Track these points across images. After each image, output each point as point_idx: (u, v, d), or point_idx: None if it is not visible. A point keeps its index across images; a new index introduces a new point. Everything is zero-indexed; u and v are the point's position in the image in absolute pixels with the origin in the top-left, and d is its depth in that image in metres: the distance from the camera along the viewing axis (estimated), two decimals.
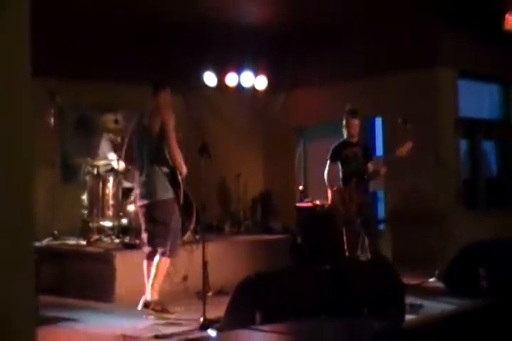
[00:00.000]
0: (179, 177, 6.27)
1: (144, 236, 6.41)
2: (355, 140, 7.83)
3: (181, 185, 6.28)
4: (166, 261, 6.25)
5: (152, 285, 6.18)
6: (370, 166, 7.76)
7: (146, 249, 6.37)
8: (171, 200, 6.24)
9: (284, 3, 9.15)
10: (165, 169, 6.22)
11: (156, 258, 6.24)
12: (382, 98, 9.89)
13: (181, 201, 6.30)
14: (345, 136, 7.84)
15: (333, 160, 7.78)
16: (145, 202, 6.31)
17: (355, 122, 7.79)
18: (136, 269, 6.46)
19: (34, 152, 3.63)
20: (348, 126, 7.79)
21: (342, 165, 7.75)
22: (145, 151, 6.31)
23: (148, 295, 6.17)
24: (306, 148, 11.91)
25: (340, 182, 7.73)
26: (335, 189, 7.71)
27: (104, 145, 8.53)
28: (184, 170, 6.26)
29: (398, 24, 9.63)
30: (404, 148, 7.48)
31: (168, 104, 6.40)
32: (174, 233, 6.26)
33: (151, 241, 6.33)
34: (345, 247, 7.55)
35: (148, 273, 6.28)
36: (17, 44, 3.55)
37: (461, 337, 5.06)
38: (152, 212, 6.28)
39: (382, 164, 7.73)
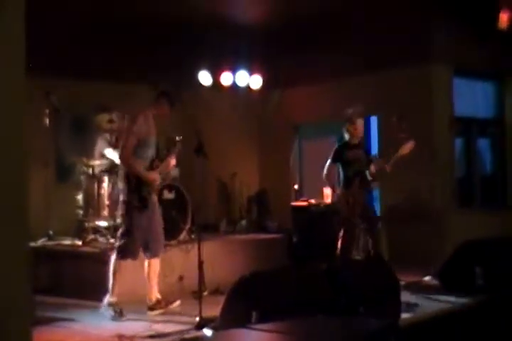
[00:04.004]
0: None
1: None
2: (356, 141, 7.75)
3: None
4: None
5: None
6: (372, 167, 7.69)
7: None
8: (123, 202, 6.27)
9: (279, 1, 9.13)
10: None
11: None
12: (377, 96, 9.88)
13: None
14: (346, 138, 7.74)
15: (334, 161, 7.67)
16: None
17: (361, 123, 7.69)
18: (131, 269, 6.45)
19: (28, 152, 3.63)
20: (353, 127, 7.67)
21: (343, 168, 7.64)
22: None
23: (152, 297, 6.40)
24: (301, 147, 11.90)
25: (341, 185, 7.64)
26: (339, 192, 7.62)
27: (100, 144, 8.51)
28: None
29: (393, 22, 9.60)
30: (407, 147, 7.43)
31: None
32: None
33: None
34: (342, 247, 7.54)
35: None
36: (12, 43, 3.54)
37: (456, 335, 5.06)
38: None
39: (384, 163, 7.59)
